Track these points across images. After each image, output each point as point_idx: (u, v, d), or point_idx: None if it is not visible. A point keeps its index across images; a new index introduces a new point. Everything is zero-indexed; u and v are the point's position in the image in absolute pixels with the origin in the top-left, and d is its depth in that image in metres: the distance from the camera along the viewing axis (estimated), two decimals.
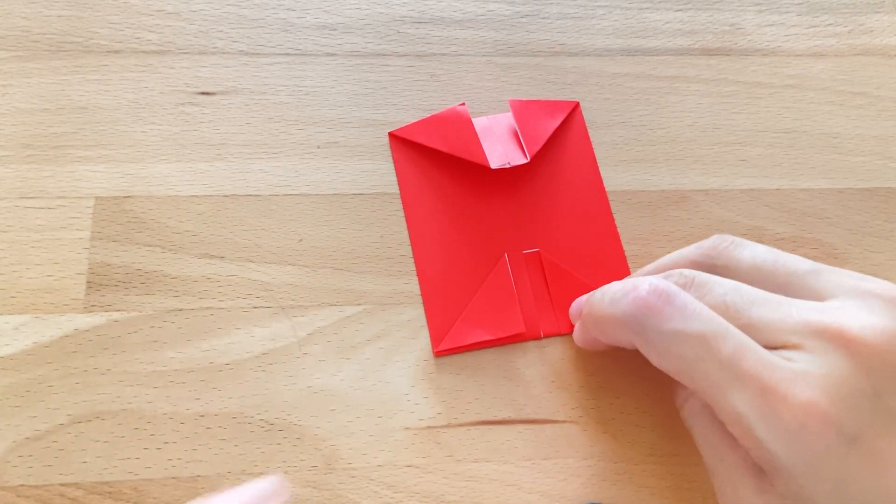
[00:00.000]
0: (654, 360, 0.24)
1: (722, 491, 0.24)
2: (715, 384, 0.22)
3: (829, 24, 0.36)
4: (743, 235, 0.32)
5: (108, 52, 0.32)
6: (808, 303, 0.23)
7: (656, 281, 0.24)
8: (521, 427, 0.29)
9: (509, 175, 0.32)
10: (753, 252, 0.25)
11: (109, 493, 0.27)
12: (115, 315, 0.29)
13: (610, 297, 0.26)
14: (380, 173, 0.31)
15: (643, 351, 0.24)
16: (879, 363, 0.22)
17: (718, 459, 0.24)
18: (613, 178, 0.32)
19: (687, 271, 0.25)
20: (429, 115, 0.32)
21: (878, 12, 0.36)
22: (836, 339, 0.22)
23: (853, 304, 0.23)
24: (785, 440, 0.21)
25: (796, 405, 0.21)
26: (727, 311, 0.23)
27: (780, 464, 0.21)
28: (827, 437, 0.21)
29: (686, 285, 0.24)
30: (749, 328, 0.23)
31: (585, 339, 0.28)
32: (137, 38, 0.32)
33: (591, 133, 0.33)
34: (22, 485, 0.26)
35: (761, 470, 0.23)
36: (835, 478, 0.21)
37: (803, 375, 0.22)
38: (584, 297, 0.28)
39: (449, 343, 0.29)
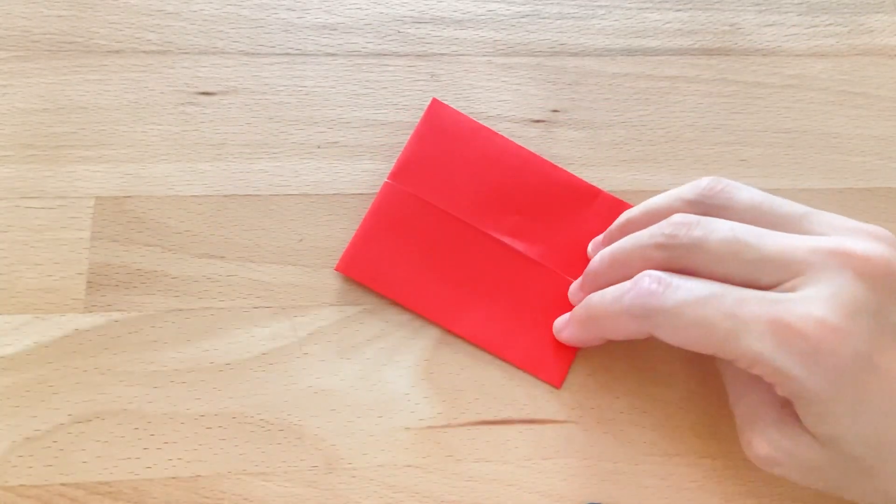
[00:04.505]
0: (669, 338, 0.24)
1: (742, 429, 0.26)
2: (727, 337, 0.23)
3: (829, 24, 0.36)
4: None
5: (108, 52, 0.32)
6: (811, 236, 0.24)
7: (654, 272, 0.25)
8: (521, 427, 0.29)
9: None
10: (751, 193, 0.26)
11: (109, 493, 0.27)
12: (115, 315, 0.29)
13: (611, 296, 0.26)
14: (380, 173, 0.31)
15: (655, 334, 0.25)
16: (883, 282, 0.23)
17: (739, 398, 0.26)
18: (613, 178, 0.32)
19: (690, 216, 0.25)
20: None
21: (878, 12, 0.36)
22: (843, 259, 0.23)
23: (850, 238, 0.24)
24: (804, 363, 0.22)
25: (808, 328, 0.22)
26: (737, 245, 0.24)
27: (805, 387, 0.22)
28: (843, 351, 0.22)
29: (691, 225, 0.25)
30: (759, 262, 0.24)
31: (584, 339, 0.28)
32: (137, 38, 0.32)
33: (590, 133, 0.33)
34: (22, 485, 0.26)
35: (783, 404, 0.24)
36: (853, 395, 0.22)
37: (810, 300, 0.22)
38: (577, 310, 0.28)
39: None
